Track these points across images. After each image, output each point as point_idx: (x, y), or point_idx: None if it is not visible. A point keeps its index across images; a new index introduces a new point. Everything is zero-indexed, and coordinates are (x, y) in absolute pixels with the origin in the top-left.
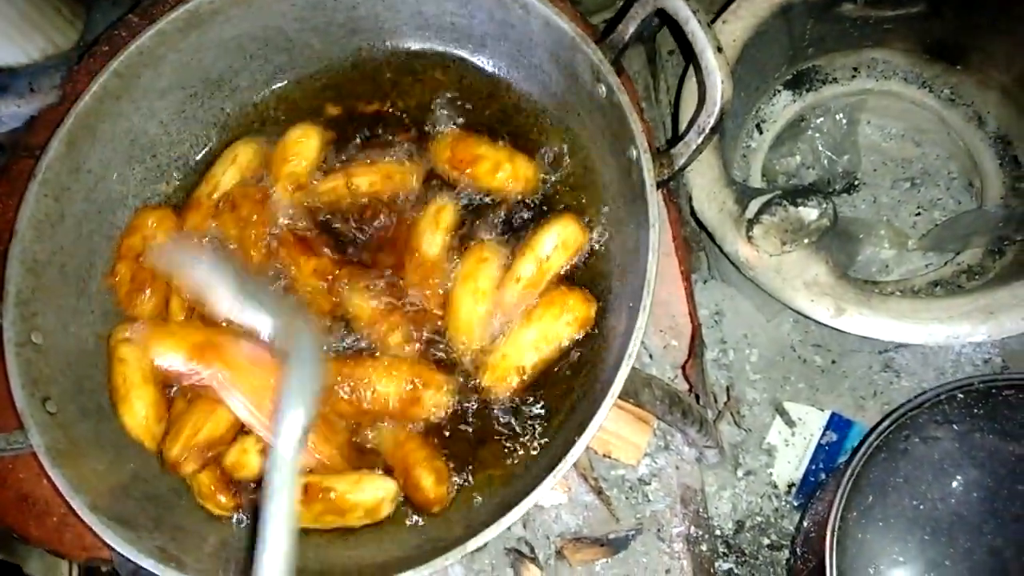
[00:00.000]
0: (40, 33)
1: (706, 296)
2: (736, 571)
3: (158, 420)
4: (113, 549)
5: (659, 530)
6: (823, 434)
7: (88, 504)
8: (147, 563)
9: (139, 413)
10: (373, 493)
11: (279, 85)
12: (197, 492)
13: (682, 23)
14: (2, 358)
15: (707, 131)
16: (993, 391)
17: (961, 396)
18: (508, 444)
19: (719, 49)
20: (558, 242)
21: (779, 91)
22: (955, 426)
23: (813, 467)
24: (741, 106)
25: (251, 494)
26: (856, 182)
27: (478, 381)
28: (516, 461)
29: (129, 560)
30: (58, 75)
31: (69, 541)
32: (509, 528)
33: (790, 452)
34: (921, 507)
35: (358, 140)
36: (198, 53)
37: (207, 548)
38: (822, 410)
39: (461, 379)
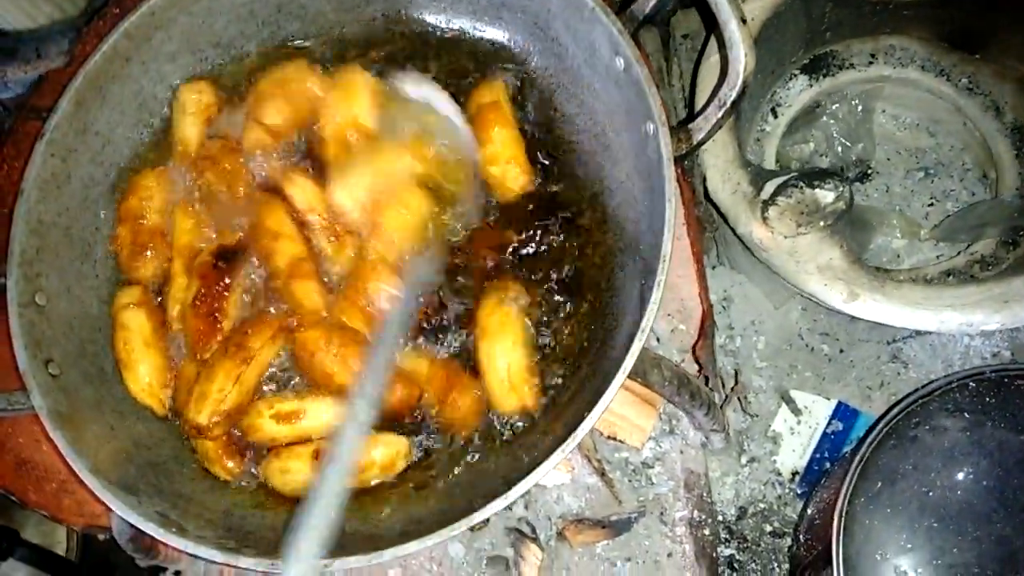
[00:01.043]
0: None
1: (715, 282)
2: (738, 557)
3: (163, 385)
4: (113, 514)
5: (662, 514)
6: (829, 423)
7: (89, 467)
8: (148, 528)
9: (143, 379)
10: (387, 450)
11: (290, 53)
12: (203, 456)
13: None
14: (5, 319)
15: (728, 105)
16: (1005, 380)
17: (973, 385)
18: (514, 420)
19: (743, 20)
20: None
21: (795, 75)
22: (966, 415)
23: (818, 456)
24: (757, 89)
25: (258, 459)
26: (869, 171)
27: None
28: (523, 437)
29: (129, 526)
30: (65, 41)
31: (68, 507)
32: (511, 508)
33: (795, 440)
34: (930, 495)
35: None
36: (209, 17)
37: (208, 515)
38: (828, 399)
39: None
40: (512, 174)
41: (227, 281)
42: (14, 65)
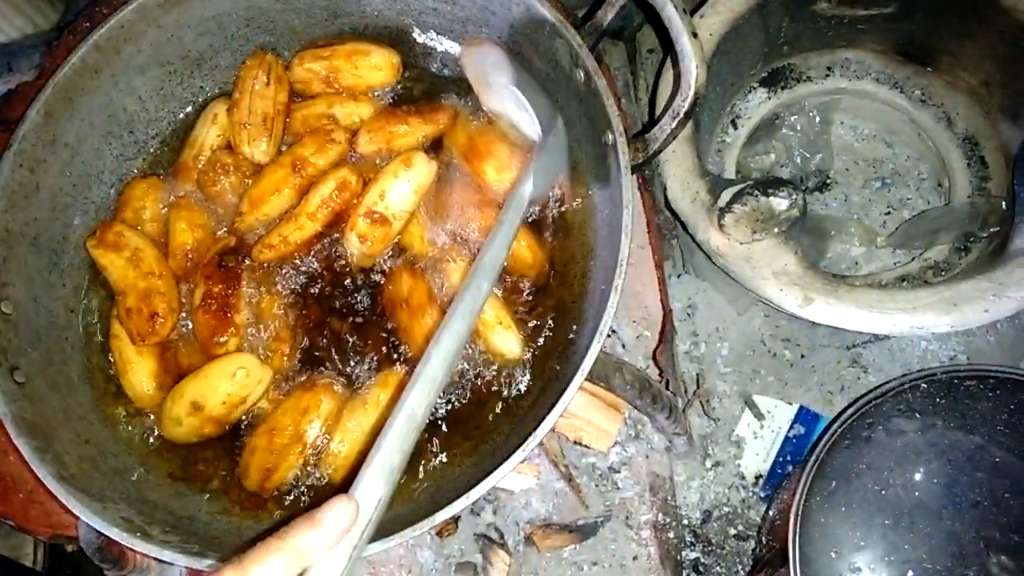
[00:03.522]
0: (19, 12)
1: (679, 290)
2: (703, 560)
3: (162, 388)
4: (80, 524)
5: (627, 517)
6: (791, 427)
7: (54, 474)
8: (113, 533)
9: (141, 385)
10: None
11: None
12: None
13: (659, 8)
14: None
15: (681, 115)
16: (955, 381)
17: (924, 386)
18: (480, 423)
19: (694, 35)
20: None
21: (754, 88)
22: (918, 415)
23: (780, 459)
24: (717, 101)
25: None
26: (828, 181)
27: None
28: (485, 442)
29: (96, 536)
30: (37, 55)
31: (35, 517)
32: (479, 514)
33: (758, 444)
34: (883, 493)
35: None
36: (179, 30)
37: (173, 521)
38: (790, 404)
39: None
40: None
41: (235, 277)
42: None
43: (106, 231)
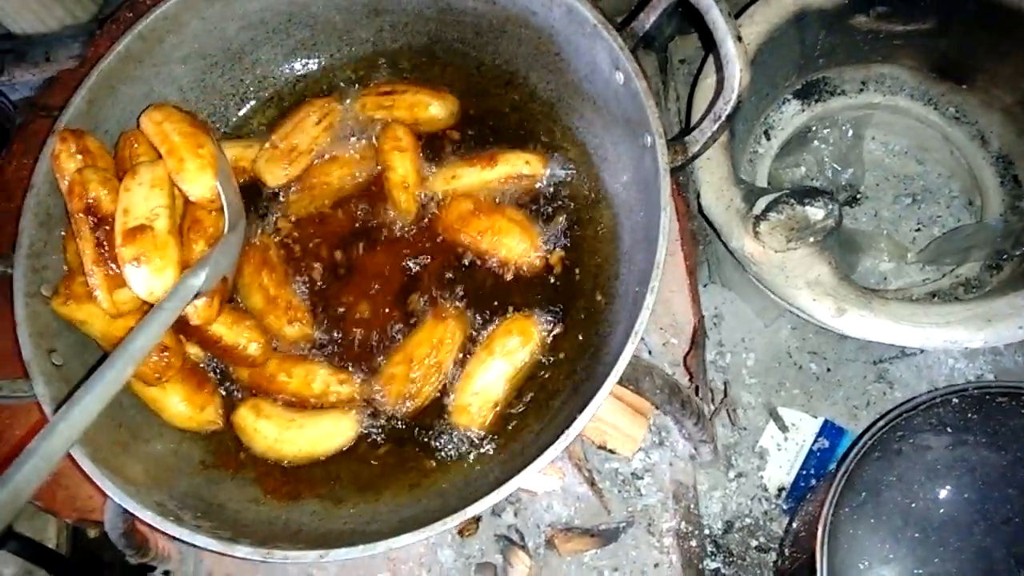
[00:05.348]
0: (59, 3)
1: (706, 299)
2: (723, 571)
3: (201, 407)
4: (106, 508)
5: (650, 524)
6: (815, 440)
7: (89, 455)
8: (147, 516)
9: (178, 410)
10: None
11: (299, 60)
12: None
13: (703, 12)
14: (11, 309)
15: (723, 119)
16: (987, 397)
17: (956, 401)
18: (509, 421)
19: (739, 38)
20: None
21: (788, 99)
22: (948, 429)
23: (804, 472)
24: (751, 111)
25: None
26: (859, 195)
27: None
28: (515, 441)
29: (121, 521)
30: (75, 45)
31: (61, 500)
32: (500, 515)
33: (782, 456)
34: (913, 506)
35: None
36: (221, 23)
37: (204, 507)
38: (815, 417)
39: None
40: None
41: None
42: (23, 68)
43: (71, 283)
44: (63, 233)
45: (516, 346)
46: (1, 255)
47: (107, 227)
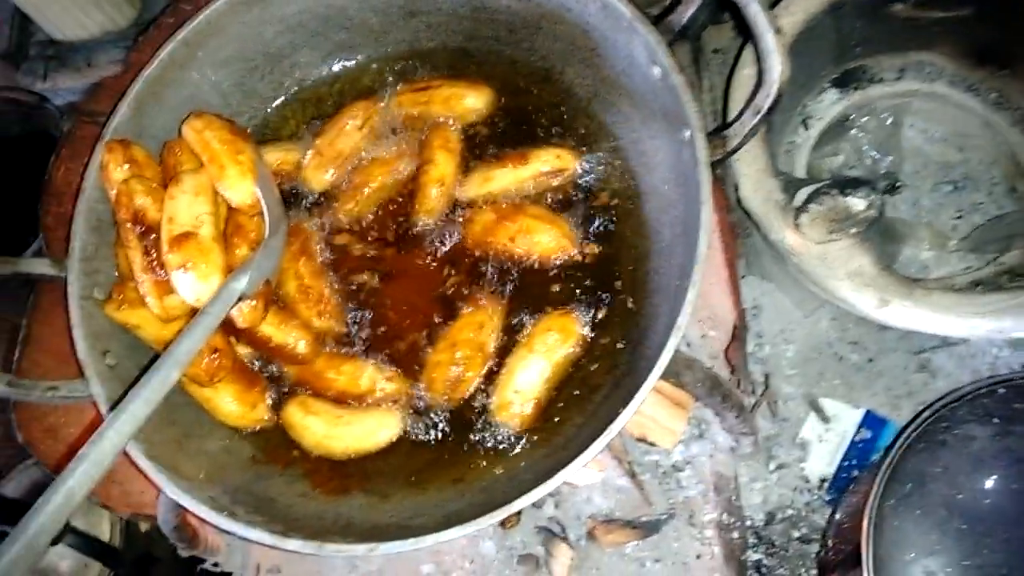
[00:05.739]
0: (100, 9)
1: (744, 291)
2: (765, 562)
3: (252, 406)
4: (159, 503)
5: (691, 516)
6: (857, 431)
7: (145, 452)
8: (202, 511)
9: (230, 408)
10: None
11: (337, 63)
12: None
13: (742, 6)
14: (66, 311)
15: (763, 112)
16: None
17: (1002, 391)
18: (552, 414)
19: (778, 31)
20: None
21: (826, 88)
22: (994, 420)
23: (846, 463)
24: (788, 101)
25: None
26: (898, 184)
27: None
28: (558, 435)
29: (173, 514)
30: (115, 50)
31: (116, 496)
32: (541, 507)
33: (823, 448)
34: (959, 497)
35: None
36: (261, 26)
37: (255, 502)
38: (857, 408)
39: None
40: None
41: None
42: (65, 74)
43: (124, 289)
44: (114, 237)
45: (556, 343)
46: (55, 259)
47: (154, 235)
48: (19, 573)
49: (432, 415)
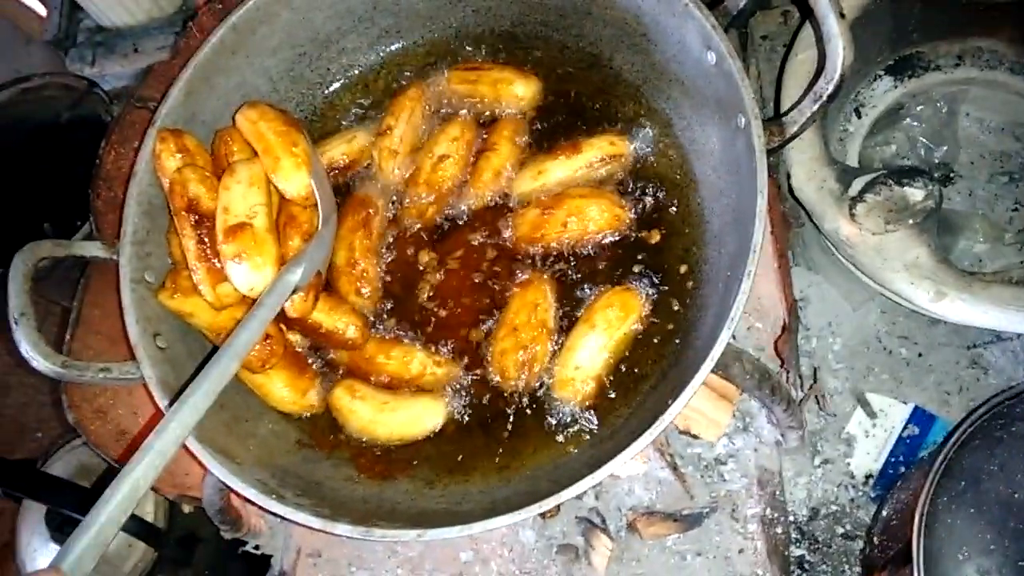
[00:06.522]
0: None
1: (792, 282)
2: (808, 558)
3: (303, 392)
4: (204, 485)
5: (734, 510)
6: (905, 427)
7: (196, 436)
8: (250, 493)
9: (281, 395)
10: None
11: (384, 48)
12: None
13: None
14: (118, 294)
15: (824, 98)
16: None
17: None
18: (598, 407)
19: (841, 15)
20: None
21: (880, 76)
22: None
23: (893, 460)
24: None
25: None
26: (952, 174)
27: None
28: (603, 425)
29: (218, 496)
30: (161, 37)
31: (163, 477)
32: (581, 498)
33: (870, 443)
34: (1016, 496)
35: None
36: (310, 12)
37: (303, 485)
38: (905, 403)
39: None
40: None
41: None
42: (113, 60)
43: (177, 277)
44: (166, 222)
45: (617, 319)
46: (106, 243)
47: (208, 224)
48: (89, 563)
49: (476, 402)
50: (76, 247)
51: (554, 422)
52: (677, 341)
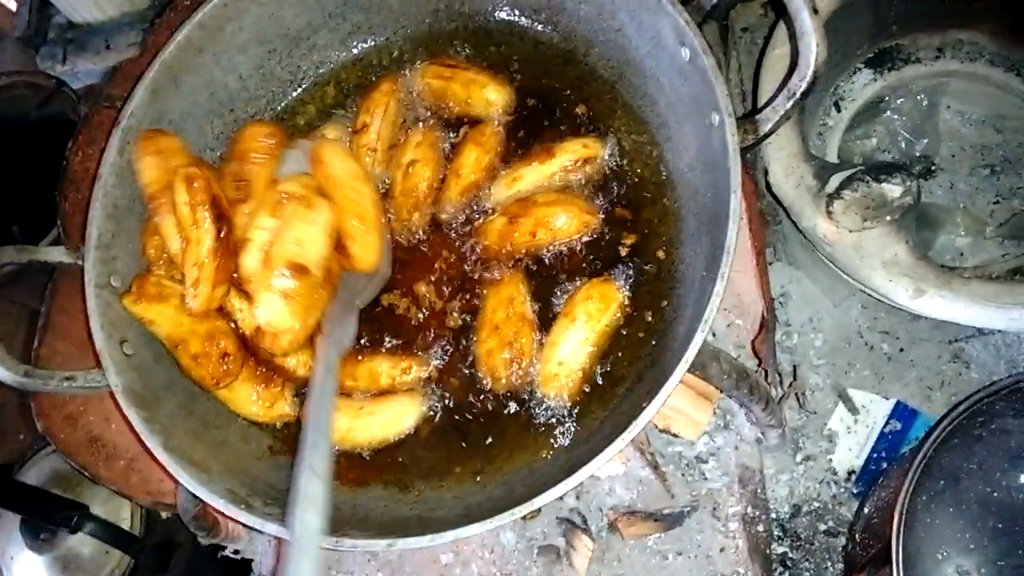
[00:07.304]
0: None
1: (772, 278)
2: (791, 555)
3: (271, 403)
4: (179, 492)
5: (715, 509)
6: (887, 423)
7: (162, 444)
8: (218, 503)
9: (248, 408)
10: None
11: (355, 44)
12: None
13: None
14: (83, 300)
15: (798, 95)
16: None
17: None
18: (573, 409)
19: (815, 10)
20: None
21: (860, 69)
22: None
23: (875, 455)
24: (820, 82)
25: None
26: (933, 167)
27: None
28: (580, 427)
29: (193, 504)
30: (133, 33)
31: (135, 484)
32: (562, 498)
33: (851, 439)
34: (994, 495)
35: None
36: (279, 8)
37: (274, 494)
38: (887, 398)
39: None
40: None
41: None
42: (85, 57)
43: (144, 283)
44: (133, 225)
45: (597, 310)
46: (71, 247)
47: (226, 226)
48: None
49: (453, 404)
50: (40, 252)
51: (533, 423)
52: (654, 342)
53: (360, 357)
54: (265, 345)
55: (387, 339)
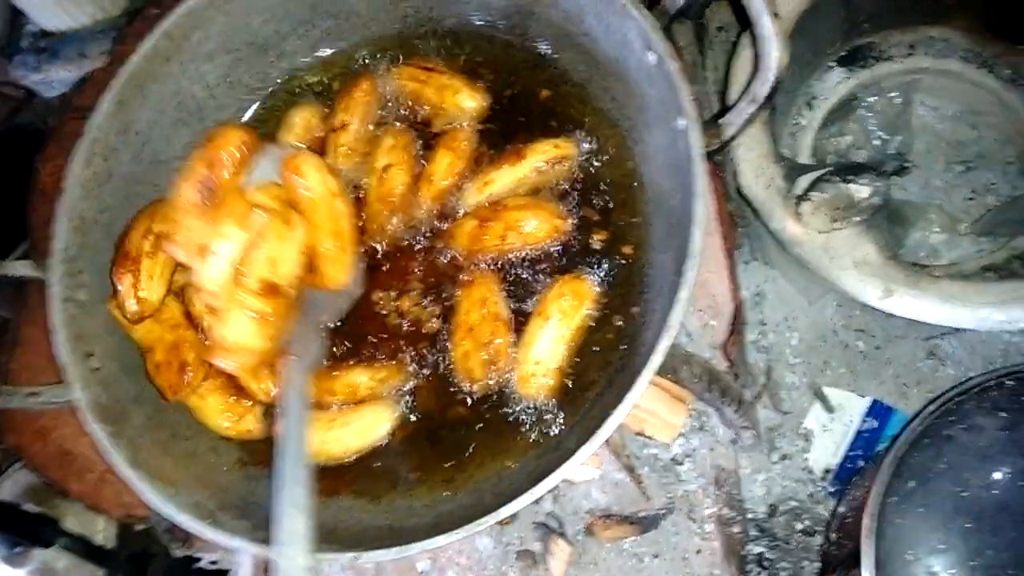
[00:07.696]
0: None
1: (747, 277)
2: (767, 555)
3: (239, 417)
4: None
5: (691, 510)
6: (863, 421)
7: (127, 460)
8: (183, 519)
9: (216, 421)
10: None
11: (324, 51)
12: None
13: None
14: (47, 314)
15: (760, 101)
16: None
17: (1011, 383)
18: (542, 415)
19: (775, 15)
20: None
21: (832, 67)
22: (1002, 413)
23: (851, 454)
24: (792, 81)
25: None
26: (907, 164)
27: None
28: (550, 432)
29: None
30: (107, 41)
31: (108, 497)
32: (538, 502)
33: (828, 438)
34: (965, 495)
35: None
36: (246, 16)
37: (243, 506)
38: (863, 396)
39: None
40: None
41: None
42: (58, 65)
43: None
44: (99, 238)
45: (571, 306)
46: (37, 261)
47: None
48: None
49: (430, 410)
50: (5, 267)
51: (505, 428)
52: (624, 347)
53: (335, 372)
54: (214, 360)
55: (362, 349)
